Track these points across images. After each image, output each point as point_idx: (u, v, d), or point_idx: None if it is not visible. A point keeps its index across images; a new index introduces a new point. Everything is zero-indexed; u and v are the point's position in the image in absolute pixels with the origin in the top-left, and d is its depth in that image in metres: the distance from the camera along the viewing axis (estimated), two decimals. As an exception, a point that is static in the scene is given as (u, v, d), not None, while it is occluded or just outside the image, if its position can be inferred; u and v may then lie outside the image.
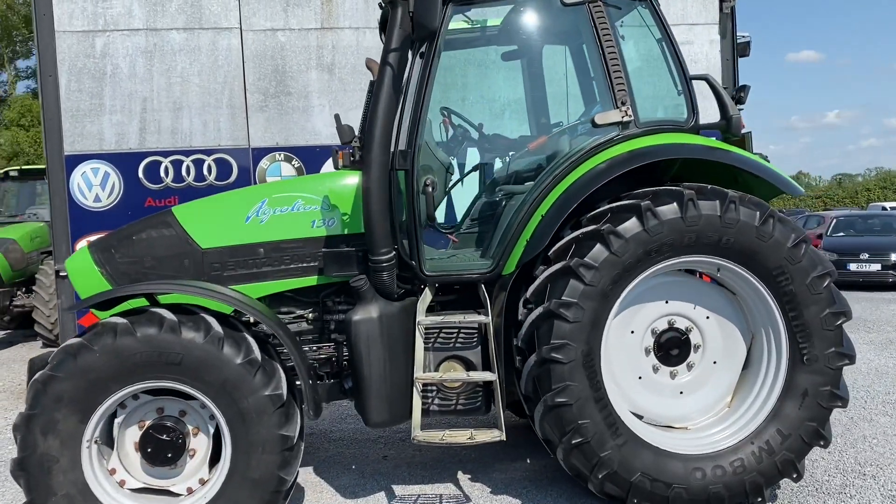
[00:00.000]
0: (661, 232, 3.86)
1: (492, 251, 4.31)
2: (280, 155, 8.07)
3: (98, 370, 3.53)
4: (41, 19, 9.18)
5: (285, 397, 3.65)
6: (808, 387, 4.02)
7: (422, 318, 4.14)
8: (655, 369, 4.25)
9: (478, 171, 5.29)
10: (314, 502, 4.53)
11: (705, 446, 4.07)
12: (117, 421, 3.73)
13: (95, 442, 3.63)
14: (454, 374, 4.13)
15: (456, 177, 5.02)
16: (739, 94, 4.71)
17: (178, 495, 3.77)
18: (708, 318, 4.26)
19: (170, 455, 3.70)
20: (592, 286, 3.83)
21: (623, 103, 4.20)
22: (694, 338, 4.27)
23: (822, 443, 4.03)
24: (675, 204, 3.87)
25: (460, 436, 4.02)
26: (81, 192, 9.22)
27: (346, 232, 4.36)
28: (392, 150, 4.11)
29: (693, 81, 4.38)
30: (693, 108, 4.35)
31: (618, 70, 4.22)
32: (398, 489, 4.67)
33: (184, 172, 8.80)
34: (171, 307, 3.73)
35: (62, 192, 9.23)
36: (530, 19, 4.80)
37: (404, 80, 4.18)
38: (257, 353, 3.64)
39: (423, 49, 4.25)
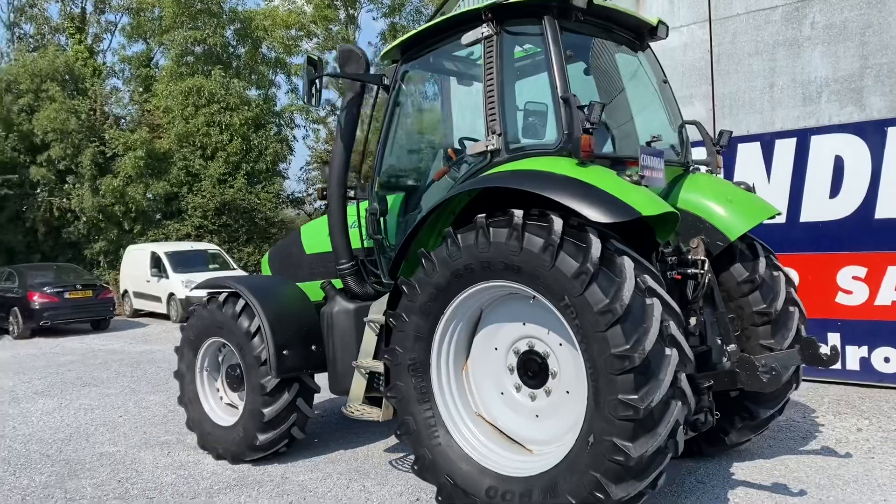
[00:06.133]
0: (460, 257, 4.13)
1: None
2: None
3: (196, 327, 5.97)
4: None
5: (262, 359, 5.41)
6: (595, 432, 3.64)
7: (370, 316, 5.24)
8: (518, 388, 4.36)
9: None
10: (337, 437, 6.07)
11: (516, 470, 4.08)
12: (219, 359, 6.10)
13: (206, 370, 6.09)
14: (362, 363, 5.10)
15: None
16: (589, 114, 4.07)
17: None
18: (561, 345, 4.13)
19: (235, 385, 5.89)
20: (412, 302, 4.39)
21: (493, 132, 4.42)
22: (552, 364, 4.20)
23: (601, 497, 3.58)
24: (473, 231, 4.07)
25: (356, 410, 5.04)
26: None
27: (365, 245, 5.67)
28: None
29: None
30: (563, 130, 4.18)
31: (492, 102, 4.44)
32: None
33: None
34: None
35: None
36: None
37: (356, 132, 5.30)
38: (254, 326, 5.50)
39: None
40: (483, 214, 4.09)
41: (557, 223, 3.80)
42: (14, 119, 25.09)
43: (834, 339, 7.75)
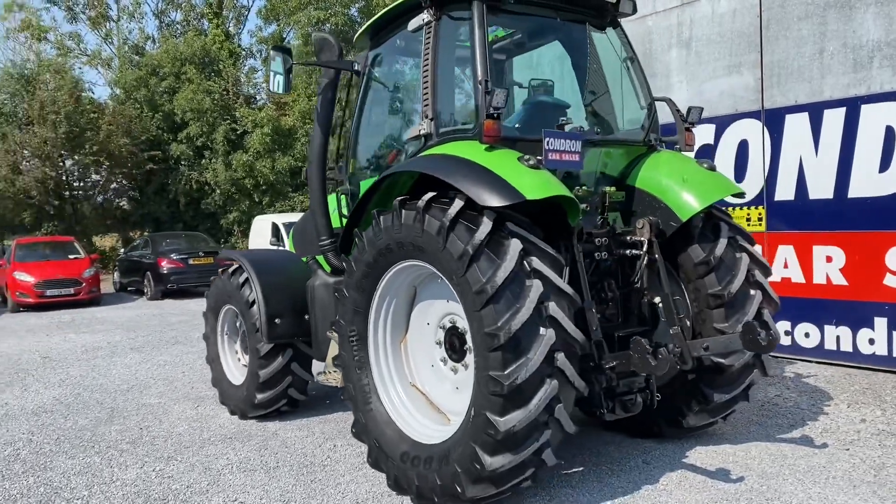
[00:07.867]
0: (381, 237, 4.40)
1: None
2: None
3: (214, 295, 6.64)
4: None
5: (258, 325, 5.96)
6: (475, 406, 3.84)
7: (345, 289, 5.63)
8: (444, 361, 4.60)
9: None
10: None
11: (430, 438, 4.33)
12: (237, 324, 6.74)
13: (226, 334, 6.75)
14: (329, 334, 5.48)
15: None
16: (491, 99, 4.08)
17: (251, 373, 6.56)
18: (475, 322, 4.30)
19: (245, 347, 6.51)
20: (350, 278, 4.72)
21: (426, 116, 4.62)
22: (469, 339, 4.38)
23: (478, 466, 3.77)
24: (390, 214, 4.33)
25: (322, 377, 5.46)
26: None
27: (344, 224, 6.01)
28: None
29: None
30: (479, 114, 4.30)
31: (426, 88, 4.63)
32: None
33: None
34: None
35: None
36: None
37: (335, 116, 5.63)
38: (252, 296, 6.05)
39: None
40: (402, 197, 4.33)
41: (454, 206, 3.97)
42: (158, 100, 27.64)
43: (881, 324, 7.25)
